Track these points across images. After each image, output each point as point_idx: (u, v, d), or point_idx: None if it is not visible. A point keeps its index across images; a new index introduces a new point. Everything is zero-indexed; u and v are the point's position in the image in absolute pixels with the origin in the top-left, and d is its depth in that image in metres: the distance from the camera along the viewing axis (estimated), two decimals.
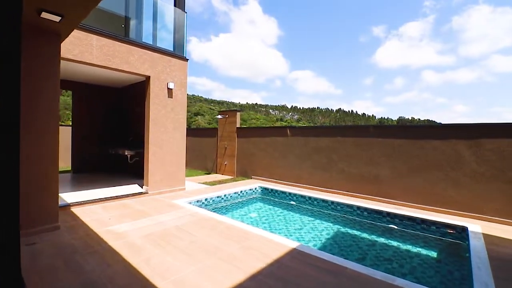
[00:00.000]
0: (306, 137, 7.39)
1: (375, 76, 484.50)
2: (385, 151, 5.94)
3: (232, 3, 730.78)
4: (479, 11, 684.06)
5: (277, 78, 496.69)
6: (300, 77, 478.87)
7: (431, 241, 4.59)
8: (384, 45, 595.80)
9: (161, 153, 6.06)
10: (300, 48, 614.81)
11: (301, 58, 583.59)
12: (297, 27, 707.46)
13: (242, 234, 3.75)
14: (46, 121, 3.54)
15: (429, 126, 5.52)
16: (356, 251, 4.21)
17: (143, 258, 2.95)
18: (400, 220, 5.12)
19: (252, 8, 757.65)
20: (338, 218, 5.77)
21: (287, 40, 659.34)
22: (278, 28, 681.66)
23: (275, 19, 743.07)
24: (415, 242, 4.52)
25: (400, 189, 5.72)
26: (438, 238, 4.64)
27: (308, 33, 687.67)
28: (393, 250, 4.24)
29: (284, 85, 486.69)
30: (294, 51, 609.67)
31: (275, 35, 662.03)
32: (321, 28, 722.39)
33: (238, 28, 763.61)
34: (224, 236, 3.68)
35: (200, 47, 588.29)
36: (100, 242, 3.37)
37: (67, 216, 4.31)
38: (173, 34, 6.43)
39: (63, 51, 4.52)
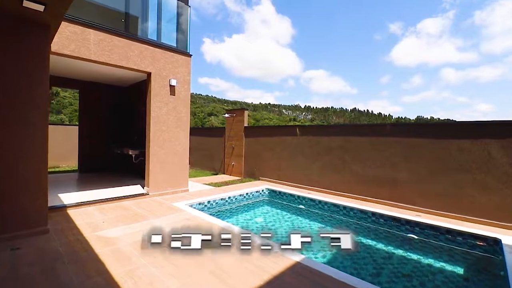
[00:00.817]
0: (316, 136, 6.93)
1: (392, 74, 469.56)
2: (404, 151, 5.39)
3: (245, 3, 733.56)
4: (503, 5, 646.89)
5: (291, 77, 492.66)
6: (314, 77, 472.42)
7: (457, 254, 4.04)
8: (401, 43, 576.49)
9: (162, 153, 5.81)
10: (314, 47, 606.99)
11: (315, 57, 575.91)
12: (311, 26, 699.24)
13: None
14: (32, 117, 3.34)
15: (454, 123, 4.94)
16: (370, 264, 3.75)
17: (127, 269, 2.66)
18: (421, 229, 4.58)
19: (265, 8, 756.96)
20: (350, 225, 5.30)
21: (301, 39, 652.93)
22: (291, 27, 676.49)
23: (289, 18, 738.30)
24: (438, 256, 3.99)
25: (420, 194, 5.16)
26: (465, 251, 4.08)
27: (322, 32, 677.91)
28: (413, 264, 3.74)
29: (297, 85, 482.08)
30: (308, 50, 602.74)
31: (288, 34, 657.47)
32: (336, 26, 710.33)
33: (252, 28, 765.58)
34: (220, 245, 3.33)
35: (214, 48, 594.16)
36: (86, 248, 3.12)
37: (61, 218, 4.12)
38: (176, 29, 6.18)
39: (58, 46, 4.36)
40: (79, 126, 8.18)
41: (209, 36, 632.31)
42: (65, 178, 7.25)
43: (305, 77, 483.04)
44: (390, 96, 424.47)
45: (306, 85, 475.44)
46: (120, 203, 5.07)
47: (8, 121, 3.19)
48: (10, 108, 3.21)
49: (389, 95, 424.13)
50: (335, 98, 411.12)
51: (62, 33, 4.38)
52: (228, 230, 3.79)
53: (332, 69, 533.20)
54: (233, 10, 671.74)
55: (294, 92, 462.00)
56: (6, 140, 3.18)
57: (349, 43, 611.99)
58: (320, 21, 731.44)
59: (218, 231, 3.73)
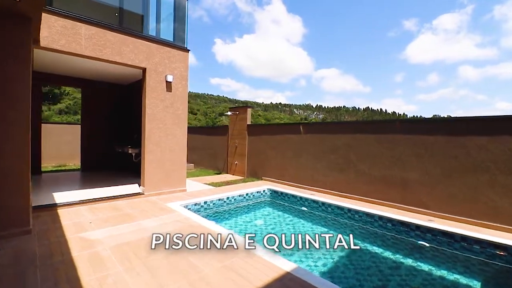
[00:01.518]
0: (321, 134, 6.56)
1: (406, 72, 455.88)
2: (415, 150, 4.95)
3: (256, 3, 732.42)
4: None
5: (302, 77, 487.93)
6: (326, 76, 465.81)
7: (473, 265, 3.60)
8: (416, 40, 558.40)
9: (158, 151, 5.63)
10: (326, 45, 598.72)
11: (327, 56, 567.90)
12: (322, 25, 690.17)
13: (230, 248, 3.12)
14: (10, 116, 3.20)
15: (471, 118, 4.45)
16: (375, 276, 3.38)
17: (99, 276, 2.44)
18: (433, 236, 4.15)
19: (276, 8, 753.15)
20: (355, 229, 4.91)
21: (313, 38, 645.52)
22: (303, 27, 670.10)
23: (300, 17, 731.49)
24: (452, 266, 3.57)
25: (433, 197, 4.71)
26: (483, 261, 3.63)
27: (334, 30, 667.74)
28: (423, 276, 3.34)
29: (309, 84, 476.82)
30: (319, 49, 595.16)
31: (300, 33, 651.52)
32: (348, 24, 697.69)
33: (263, 28, 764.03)
34: (207, 250, 3.07)
35: (225, 49, 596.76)
36: (65, 251, 2.94)
37: (49, 218, 3.99)
38: (173, 23, 5.98)
39: (48, 41, 4.23)
40: (81, 125, 8.17)
41: (220, 37, 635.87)
42: (66, 177, 7.23)
43: (316, 76, 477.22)
44: (404, 94, 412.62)
45: (317, 84, 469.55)
46: (113, 203, 4.92)
47: None
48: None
49: (404, 93, 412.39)
50: (347, 97, 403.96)
51: (52, 27, 4.26)
52: (216, 234, 3.53)
53: (345, 67, 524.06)
54: (244, 10, 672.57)
55: (306, 91, 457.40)
56: None
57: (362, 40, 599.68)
58: (332, 19, 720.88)
59: (206, 234, 3.48)
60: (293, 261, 3.62)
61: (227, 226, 5.11)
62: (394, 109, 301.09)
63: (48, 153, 10.23)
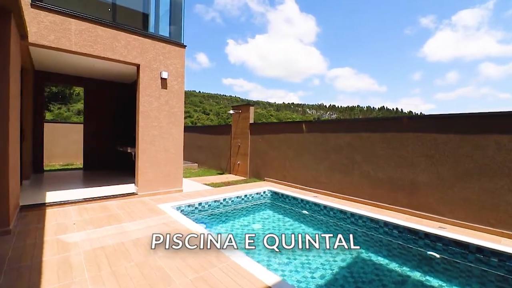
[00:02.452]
0: (324, 133, 6.18)
1: (424, 70, 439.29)
2: (425, 149, 4.50)
3: (268, 4, 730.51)
4: None
5: (315, 76, 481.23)
6: (339, 75, 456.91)
7: (491, 281, 3.15)
8: (434, 37, 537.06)
9: (153, 150, 5.46)
10: (339, 44, 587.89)
11: (341, 55, 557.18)
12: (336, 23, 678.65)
13: (212, 257, 2.86)
14: None
15: (491, 114, 3.96)
16: None
17: (61, 285, 2.25)
18: (444, 245, 3.71)
19: (289, 7, 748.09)
20: (359, 236, 4.52)
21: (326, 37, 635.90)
22: (316, 25, 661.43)
23: (313, 16, 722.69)
24: (466, 281, 3.15)
25: (445, 201, 4.25)
26: (502, 276, 3.17)
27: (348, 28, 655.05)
28: None
29: (322, 84, 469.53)
30: (333, 48, 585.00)
31: (313, 32, 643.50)
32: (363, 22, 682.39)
33: (275, 28, 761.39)
34: (187, 258, 2.83)
35: (237, 49, 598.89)
36: (37, 255, 2.78)
37: (34, 218, 3.89)
38: (169, 18, 5.80)
39: (37, 37, 4.14)
40: (84, 124, 8.19)
41: (232, 38, 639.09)
42: (66, 176, 7.24)
43: (330, 76, 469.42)
44: (422, 93, 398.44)
45: (331, 83, 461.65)
46: (104, 203, 4.79)
47: None
48: None
49: (422, 92, 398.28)
50: (362, 97, 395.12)
51: (41, 23, 4.16)
52: (200, 239, 3.28)
53: (359, 66, 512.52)
54: (257, 11, 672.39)
55: (319, 91, 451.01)
56: None
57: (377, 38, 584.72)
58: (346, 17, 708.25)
59: (188, 240, 3.23)
60: (288, 270, 3.33)
61: (222, 230, 4.87)
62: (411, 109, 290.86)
63: (56, 152, 10.42)
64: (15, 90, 3.58)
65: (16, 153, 3.82)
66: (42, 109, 7.49)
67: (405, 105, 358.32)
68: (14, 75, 3.49)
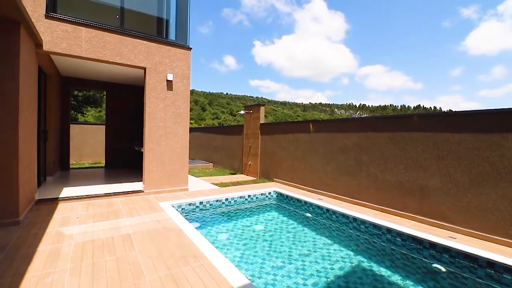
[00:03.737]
0: (331, 133, 5.92)
1: (466, 66, 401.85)
2: (436, 150, 4.09)
3: (295, 3, 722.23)
4: None
5: (344, 75, 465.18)
6: (370, 73, 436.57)
7: None
8: (477, 29, 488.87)
9: (158, 149, 5.67)
10: (370, 41, 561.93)
11: (372, 52, 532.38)
12: (367, 19, 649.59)
13: (190, 256, 2.88)
14: (2, 118, 3.42)
15: (507, 111, 3.48)
16: None
17: (43, 273, 2.41)
18: (451, 257, 3.33)
19: (316, 6, 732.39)
20: (362, 243, 4.24)
21: (356, 34, 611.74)
22: (345, 22, 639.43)
23: (342, 13, 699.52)
24: None
25: (458, 209, 3.82)
26: None
27: (380, 24, 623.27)
28: None
29: (352, 83, 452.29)
30: (364, 45, 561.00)
31: (342, 30, 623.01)
32: (396, 17, 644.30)
33: (302, 27, 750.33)
34: (166, 255, 2.87)
35: (264, 51, 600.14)
36: (34, 244, 3.02)
37: (45, 211, 4.25)
38: (175, 22, 5.99)
39: (51, 45, 4.52)
40: (106, 126, 8.77)
41: (259, 39, 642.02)
42: (87, 173, 7.80)
43: (360, 74, 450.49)
44: (464, 90, 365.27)
45: (361, 82, 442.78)
46: (111, 199, 5.08)
47: None
48: None
49: (463, 89, 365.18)
50: (395, 95, 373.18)
51: (54, 32, 4.54)
52: (187, 238, 3.32)
53: (392, 63, 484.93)
54: (283, 11, 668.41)
55: (348, 90, 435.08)
56: None
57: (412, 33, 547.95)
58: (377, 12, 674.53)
59: (174, 238, 3.28)
60: (280, 275, 3.22)
61: (223, 229, 4.89)
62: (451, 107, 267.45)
63: (86, 152, 11.30)
64: (28, 95, 3.94)
65: (30, 152, 4.19)
66: (68, 112, 8.17)
67: (444, 103, 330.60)
68: (26, 80, 3.85)
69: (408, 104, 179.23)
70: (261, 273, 3.27)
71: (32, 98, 4.29)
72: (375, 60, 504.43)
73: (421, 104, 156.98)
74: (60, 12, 4.70)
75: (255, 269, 3.38)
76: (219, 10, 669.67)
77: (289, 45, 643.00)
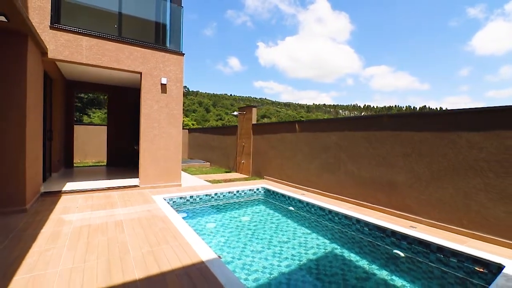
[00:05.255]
0: (314, 132, 6.31)
1: (473, 66, 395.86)
2: (402, 148, 4.46)
3: (299, 4, 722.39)
4: None
5: (349, 76, 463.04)
6: (375, 73, 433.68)
7: (450, 284, 3.10)
8: (484, 28, 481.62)
9: (153, 148, 6.13)
10: (375, 41, 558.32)
11: (376, 53, 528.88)
12: (372, 19, 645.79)
13: (170, 237, 3.31)
14: (11, 115, 3.91)
15: (461, 111, 3.83)
16: (335, 284, 3.09)
17: (45, 249, 2.86)
18: (409, 244, 3.70)
19: (320, 6, 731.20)
20: (335, 233, 4.62)
21: (361, 34, 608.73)
22: (350, 23, 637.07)
23: (346, 14, 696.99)
24: (427, 283, 3.10)
25: (420, 201, 4.18)
26: (461, 278, 3.11)
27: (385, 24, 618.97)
28: None
29: (356, 83, 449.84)
30: (368, 45, 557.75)
31: (347, 30, 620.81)
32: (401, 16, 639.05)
33: (306, 28, 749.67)
34: (150, 237, 3.31)
35: (267, 52, 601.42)
36: (38, 227, 3.49)
37: (49, 201, 4.73)
38: (169, 30, 6.46)
39: (55, 53, 5.02)
40: (107, 127, 9.30)
41: (263, 40, 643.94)
42: (89, 170, 8.32)
43: (365, 75, 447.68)
44: (471, 91, 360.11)
45: (366, 83, 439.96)
46: (109, 193, 5.55)
47: None
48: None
49: (470, 89, 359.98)
50: (401, 96, 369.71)
51: (57, 41, 5.04)
52: (171, 224, 3.75)
53: (397, 63, 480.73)
54: (287, 12, 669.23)
55: (353, 91, 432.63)
56: None
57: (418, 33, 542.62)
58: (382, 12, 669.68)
59: (161, 223, 3.71)
60: (258, 258, 3.58)
61: (212, 220, 5.30)
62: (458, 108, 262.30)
63: (89, 151, 11.86)
64: (34, 97, 4.43)
65: (36, 148, 4.69)
66: (72, 113, 8.71)
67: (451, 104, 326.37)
68: (33, 85, 4.34)
69: (414, 105, 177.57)
70: (241, 256, 3.67)
71: (38, 100, 4.79)
72: (380, 61, 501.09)
73: (427, 104, 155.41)
74: (64, 22, 5.20)
75: (236, 252, 3.79)
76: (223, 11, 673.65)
77: (292, 46, 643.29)
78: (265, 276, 3.16)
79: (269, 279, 3.13)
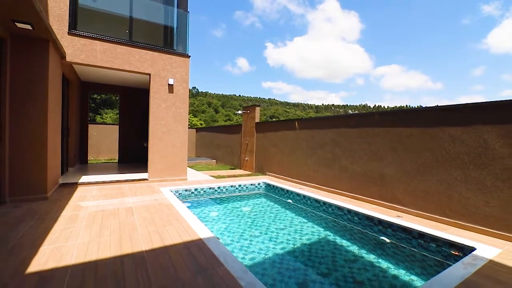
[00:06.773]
0: (312, 129, 6.61)
1: (488, 64, 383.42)
2: (391, 143, 4.71)
3: (308, 4, 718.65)
4: None
5: (359, 76, 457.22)
6: (386, 73, 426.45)
7: (429, 266, 3.35)
8: (499, 26, 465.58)
9: (161, 144, 6.57)
10: (386, 40, 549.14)
11: (387, 52, 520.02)
12: (383, 18, 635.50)
13: (174, 220, 3.70)
14: (33, 114, 4.40)
15: (444, 107, 4.07)
16: (324, 264, 3.39)
17: (64, 227, 3.30)
18: (393, 231, 3.97)
19: (329, 6, 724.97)
20: (329, 222, 4.92)
21: (371, 33, 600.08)
22: (360, 22, 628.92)
23: (356, 13, 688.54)
24: (410, 266, 3.32)
25: (408, 193, 4.43)
26: (440, 261, 3.37)
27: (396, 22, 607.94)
28: (376, 272, 3.17)
29: (367, 83, 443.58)
30: (379, 44, 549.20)
31: (357, 29, 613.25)
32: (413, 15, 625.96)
33: (315, 28, 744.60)
34: (156, 220, 3.72)
35: (276, 53, 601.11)
36: (58, 211, 3.95)
37: (67, 191, 5.22)
38: (176, 34, 6.89)
39: (72, 57, 5.52)
40: (119, 126, 9.85)
41: (271, 41, 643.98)
42: (102, 166, 8.88)
43: (375, 75, 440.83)
44: (485, 90, 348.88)
45: (376, 83, 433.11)
46: (120, 185, 6.01)
47: (16, 118, 4.30)
48: (22, 107, 4.32)
49: (485, 89, 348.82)
50: (413, 96, 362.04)
51: (75, 46, 5.54)
52: (177, 211, 4.15)
53: (409, 63, 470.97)
54: (296, 12, 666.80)
55: (363, 91, 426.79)
56: (16, 133, 4.29)
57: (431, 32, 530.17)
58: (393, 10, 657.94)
59: (167, 210, 4.11)
60: (256, 241, 3.93)
61: (215, 209, 5.67)
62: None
63: (103, 149, 12.50)
64: (54, 95, 4.93)
65: (56, 141, 5.19)
66: (87, 113, 9.29)
67: None
68: (53, 84, 4.84)
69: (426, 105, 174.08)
70: (240, 239, 4.03)
71: (57, 98, 5.29)
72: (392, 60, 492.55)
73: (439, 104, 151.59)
74: (80, 28, 5.71)
75: (235, 236, 4.16)
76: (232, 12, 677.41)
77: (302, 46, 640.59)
78: (260, 256, 3.51)
79: (263, 259, 3.47)
